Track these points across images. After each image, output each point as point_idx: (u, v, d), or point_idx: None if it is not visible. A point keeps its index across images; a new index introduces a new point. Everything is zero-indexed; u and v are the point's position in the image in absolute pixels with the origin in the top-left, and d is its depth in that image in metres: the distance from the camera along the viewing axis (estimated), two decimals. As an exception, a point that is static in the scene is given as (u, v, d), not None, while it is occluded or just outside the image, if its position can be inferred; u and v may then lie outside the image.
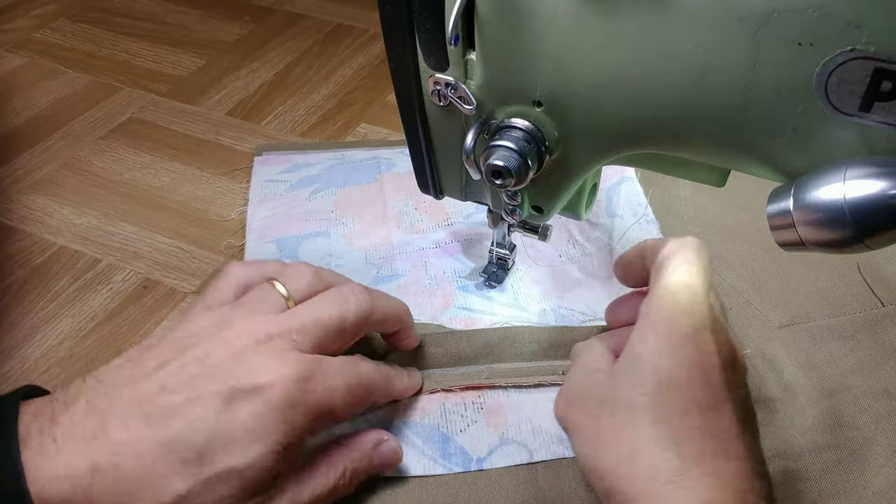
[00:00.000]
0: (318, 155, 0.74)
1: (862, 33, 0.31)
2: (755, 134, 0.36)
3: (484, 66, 0.41)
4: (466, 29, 0.39)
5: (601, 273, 0.61)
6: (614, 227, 0.64)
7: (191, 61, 0.91)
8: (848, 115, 0.33)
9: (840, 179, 0.33)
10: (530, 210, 0.50)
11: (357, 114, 0.82)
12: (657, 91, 0.37)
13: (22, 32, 0.96)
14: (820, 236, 0.34)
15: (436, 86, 0.43)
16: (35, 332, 0.58)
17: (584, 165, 0.44)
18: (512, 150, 0.42)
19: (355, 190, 0.70)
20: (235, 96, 0.85)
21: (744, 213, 0.66)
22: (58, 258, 0.64)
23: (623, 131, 0.40)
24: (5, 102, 0.83)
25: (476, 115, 0.43)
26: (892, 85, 0.31)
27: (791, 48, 0.32)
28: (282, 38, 0.95)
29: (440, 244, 0.64)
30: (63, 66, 0.90)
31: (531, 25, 0.37)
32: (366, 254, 0.63)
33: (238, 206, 0.69)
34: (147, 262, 0.64)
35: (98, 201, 0.70)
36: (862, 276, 0.60)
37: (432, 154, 0.49)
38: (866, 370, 0.53)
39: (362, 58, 0.92)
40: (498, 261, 0.60)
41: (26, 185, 0.72)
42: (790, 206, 0.35)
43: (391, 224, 0.66)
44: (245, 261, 0.48)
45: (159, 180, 0.72)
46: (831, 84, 0.32)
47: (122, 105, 0.83)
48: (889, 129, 0.33)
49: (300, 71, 0.89)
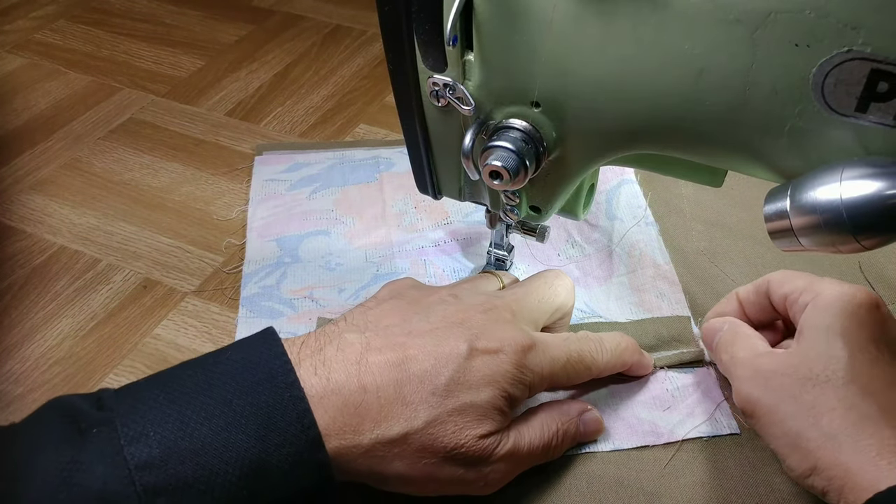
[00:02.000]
0: (319, 154, 0.74)
1: (859, 34, 0.31)
2: (752, 134, 0.36)
3: (482, 66, 0.41)
4: (465, 30, 0.40)
5: (599, 273, 0.61)
6: (614, 230, 0.64)
7: (190, 62, 0.91)
8: (844, 115, 0.33)
9: (837, 180, 0.33)
10: (528, 210, 0.50)
11: (356, 115, 0.82)
12: (654, 92, 0.37)
13: (22, 33, 0.96)
14: (817, 237, 0.34)
15: (434, 87, 0.43)
16: (35, 332, 0.58)
17: (582, 166, 0.44)
18: (510, 150, 0.42)
19: (355, 189, 0.70)
20: (235, 97, 0.85)
21: (745, 212, 0.66)
22: (58, 258, 0.64)
23: (620, 132, 0.40)
24: (5, 103, 0.83)
25: (474, 116, 0.43)
26: (888, 86, 0.31)
27: (788, 49, 0.32)
28: (281, 40, 0.95)
29: (439, 243, 0.64)
30: (63, 66, 0.90)
31: (529, 26, 0.38)
32: (365, 252, 0.64)
33: (237, 205, 0.69)
34: (147, 261, 0.64)
35: (98, 201, 0.70)
36: (863, 274, 0.60)
37: (431, 154, 0.49)
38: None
39: (361, 59, 0.92)
40: (496, 261, 0.60)
41: (26, 186, 0.72)
42: (787, 207, 0.35)
43: (391, 223, 0.66)
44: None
45: (159, 180, 0.73)
46: (828, 85, 0.33)
47: (121, 106, 0.83)
48: (885, 130, 0.33)
49: (299, 72, 0.89)
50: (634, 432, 0.50)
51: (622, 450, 0.49)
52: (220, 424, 0.35)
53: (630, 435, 0.50)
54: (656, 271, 0.61)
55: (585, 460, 0.48)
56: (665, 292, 0.59)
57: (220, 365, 0.38)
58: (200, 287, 0.62)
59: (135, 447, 0.34)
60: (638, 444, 0.49)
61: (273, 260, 0.63)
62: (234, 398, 0.36)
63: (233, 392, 0.36)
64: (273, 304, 0.59)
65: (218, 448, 0.35)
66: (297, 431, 0.36)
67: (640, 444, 0.49)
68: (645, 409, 0.51)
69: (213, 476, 0.34)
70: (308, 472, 0.36)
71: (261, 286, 0.60)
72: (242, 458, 0.35)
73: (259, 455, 0.35)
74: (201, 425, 0.35)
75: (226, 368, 0.38)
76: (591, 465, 0.48)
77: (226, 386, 0.37)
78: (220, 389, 0.36)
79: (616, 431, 0.50)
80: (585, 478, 0.47)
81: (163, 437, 0.34)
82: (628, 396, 0.52)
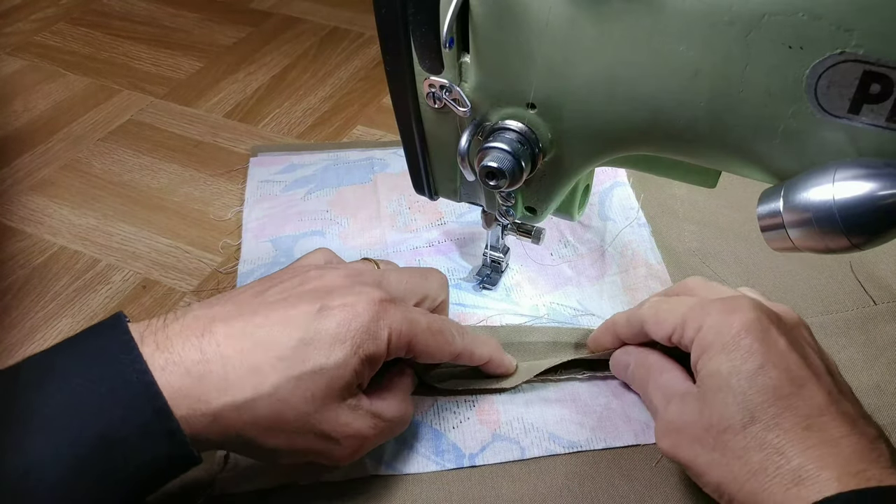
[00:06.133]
0: (313, 156, 0.75)
1: (852, 36, 0.31)
2: (746, 135, 0.36)
3: (478, 68, 0.41)
4: (461, 32, 0.40)
5: (592, 272, 0.62)
6: (606, 231, 0.65)
7: (189, 64, 0.91)
8: (837, 117, 0.33)
9: (829, 181, 0.33)
10: (524, 211, 0.50)
11: (353, 116, 0.82)
12: (649, 93, 0.37)
13: (22, 36, 0.97)
14: (809, 237, 0.34)
15: (431, 88, 0.43)
16: (35, 332, 0.58)
17: (578, 167, 0.44)
18: (506, 151, 0.42)
19: (350, 190, 0.70)
20: (233, 99, 0.85)
21: (738, 212, 0.67)
22: (58, 258, 0.65)
23: (615, 133, 0.40)
24: (6, 105, 0.84)
25: (470, 117, 0.43)
26: (880, 87, 0.32)
27: (782, 51, 0.33)
28: (278, 42, 0.96)
29: (433, 243, 0.64)
30: (63, 68, 0.90)
31: (525, 28, 0.38)
32: (360, 253, 0.64)
33: (235, 206, 0.69)
34: (146, 262, 0.64)
35: (97, 202, 0.70)
36: (854, 274, 0.60)
37: (427, 156, 0.49)
38: (858, 366, 0.54)
39: (358, 61, 0.92)
40: (492, 263, 0.61)
41: (27, 187, 0.72)
42: (780, 208, 0.35)
43: (385, 223, 0.66)
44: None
45: (158, 181, 0.73)
46: (821, 86, 0.33)
47: (121, 107, 0.83)
48: (878, 131, 0.33)
49: (297, 74, 0.89)
50: (626, 431, 0.50)
51: (614, 448, 0.49)
52: (62, 403, 0.35)
53: (621, 434, 0.50)
54: (648, 271, 0.61)
55: (578, 460, 0.49)
56: (657, 291, 0.59)
57: (66, 348, 0.38)
58: (199, 287, 0.62)
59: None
60: (629, 443, 0.49)
61: (268, 260, 0.63)
62: (74, 377, 0.36)
63: (73, 373, 0.36)
64: (271, 304, 0.59)
65: (60, 428, 0.35)
66: (141, 403, 0.36)
67: (632, 442, 0.50)
68: (636, 409, 0.51)
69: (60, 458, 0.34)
70: (159, 439, 0.36)
71: (258, 286, 0.60)
72: (87, 435, 0.35)
73: (105, 430, 0.35)
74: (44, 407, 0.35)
75: (71, 351, 0.38)
76: (584, 466, 0.48)
77: (67, 368, 0.37)
78: (60, 371, 0.37)
79: (607, 430, 0.50)
80: (577, 478, 0.48)
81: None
82: (619, 396, 0.52)
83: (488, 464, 0.48)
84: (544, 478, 0.48)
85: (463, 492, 0.47)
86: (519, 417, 0.51)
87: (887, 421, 0.50)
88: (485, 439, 0.49)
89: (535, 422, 0.50)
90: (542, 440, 0.49)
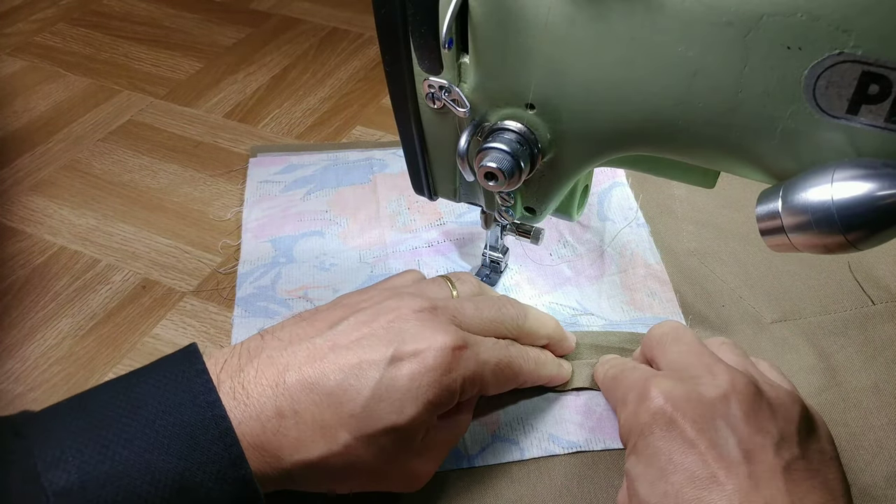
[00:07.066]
0: (312, 156, 0.75)
1: (850, 37, 0.31)
2: (744, 136, 0.36)
3: (477, 69, 0.41)
4: (460, 32, 0.40)
5: (591, 272, 0.62)
6: (605, 231, 0.65)
7: (189, 65, 0.92)
8: (836, 117, 0.33)
9: (828, 181, 0.33)
10: (523, 211, 0.50)
11: (352, 116, 0.82)
12: (648, 93, 0.37)
13: (22, 36, 0.97)
14: (808, 237, 0.34)
15: (430, 89, 0.43)
16: (35, 332, 0.58)
17: (577, 167, 0.44)
18: (505, 152, 0.42)
19: (349, 190, 0.70)
20: (232, 99, 0.85)
21: (737, 213, 0.67)
22: (58, 258, 0.65)
23: (614, 133, 0.40)
24: (6, 105, 0.84)
25: (469, 118, 0.43)
26: (879, 88, 0.32)
27: (780, 51, 0.33)
28: (278, 42, 0.96)
29: (433, 243, 0.65)
30: (63, 69, 0.90)
31: (524, 29, 0.38)
32: (360, 253, 0.64)
33: (235, 206, 0.70)
34: (145, 262, 0.64)
35: (97, 202, 0.70)
36: (853, 274, 0.60)
37: (426, 156, 0.49)
38: (856, 366, 0.54)
39: (357, 61, 0.92)
40: (491, 263, 0.61)
41: (27, 187, 0.72)
42: (779, 208, 0.35)
43: (384, 224, 0.66)
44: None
45: (158, 182, 0.73)
46: (819, 87, 0.33)
47: (121, 108, 0.84)
48: (876, 131, 0.33)
49: (296, 74, 0.90)
50: None
51: (613, 449, 0.49)
52: (143, 446, 0.35)
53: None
54: (647, 271, 0.61)
55: (577, 461, 0.49)
56: (656, 291, 0.59)
57: (142, 385, 0.37)
58: (198, 287, 0.62)
59: (52, 473, 0.33)
60: None
61: (268, 260, 0.63)
62: (157, 418, 0.36)
63: (154, 412, 0.36)
64: (268, 304, 0.59)
65: (140, 470, 0.34)
66: (219, 450, 0.36)
67: None
68: None
69: (136, 499, 0.34)
70: (232, 488, 0.36)
71: (256, 286, 0.61)
72: (166, 479, 0.34)
73: (182, 474, 0.35)
74: (122, 447, 0.34)
75: (147, 388, 0.37)
76: (583, 467, 0.48)
77: (147, 406, 0.36)
78: (141, 410, 0.36)
79: (607, 432, 0.50)
80: (577, 479, 0.48)
81: (82, 461, 0.34)
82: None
83: (488, 464, 0.48)
84: (544, 479, 0.48)
85: (463, 492, 0.47)
86: (518, 418, 0.51)
87: (885, 420, 0.50)
88: (484, 440, 0.49)
89: (534, 423, 0.50)
90: (542, 441, 0.49)
